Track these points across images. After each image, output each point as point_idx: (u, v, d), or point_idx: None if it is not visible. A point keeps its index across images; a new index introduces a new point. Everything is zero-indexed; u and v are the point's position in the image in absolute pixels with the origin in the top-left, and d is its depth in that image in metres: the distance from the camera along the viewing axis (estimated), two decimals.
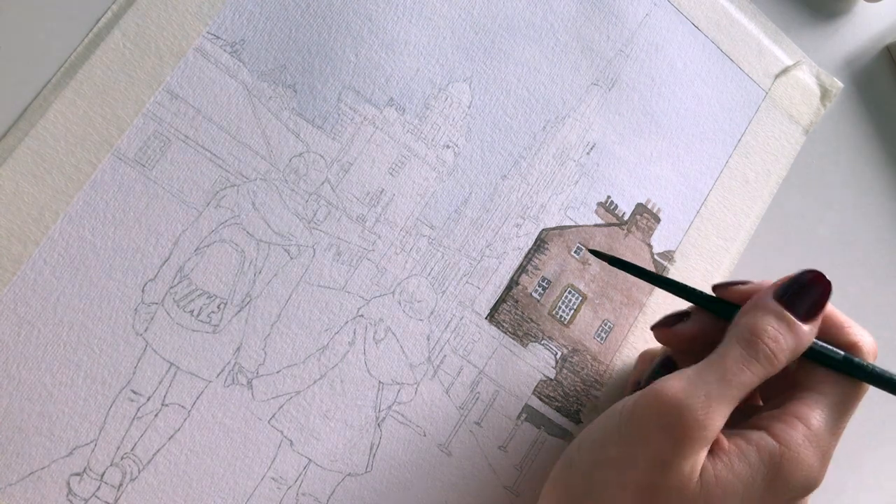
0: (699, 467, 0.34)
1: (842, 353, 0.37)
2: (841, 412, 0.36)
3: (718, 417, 0.34)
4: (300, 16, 0.41)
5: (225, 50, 0.40)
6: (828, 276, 0.37)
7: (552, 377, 0.45)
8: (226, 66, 0.40)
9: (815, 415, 0.36)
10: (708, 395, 0.34)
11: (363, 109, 0.42)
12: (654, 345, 0.46)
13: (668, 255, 0.47)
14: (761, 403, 0.41)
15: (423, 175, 0.43)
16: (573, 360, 0.45)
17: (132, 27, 0.39)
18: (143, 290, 0.38)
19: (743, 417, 0.37)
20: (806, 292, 0.37)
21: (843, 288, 0.52)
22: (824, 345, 0.37)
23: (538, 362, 0.45)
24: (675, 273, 0.47)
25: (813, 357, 0.37)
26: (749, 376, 0.35)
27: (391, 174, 0.43)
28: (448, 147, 0.44)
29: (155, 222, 0.39)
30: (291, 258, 0.41)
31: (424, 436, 0.42)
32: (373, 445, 0.41)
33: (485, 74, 0.44)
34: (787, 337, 0.35)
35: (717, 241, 0.48)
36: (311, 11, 0.42)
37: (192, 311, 0.39)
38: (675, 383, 0.35)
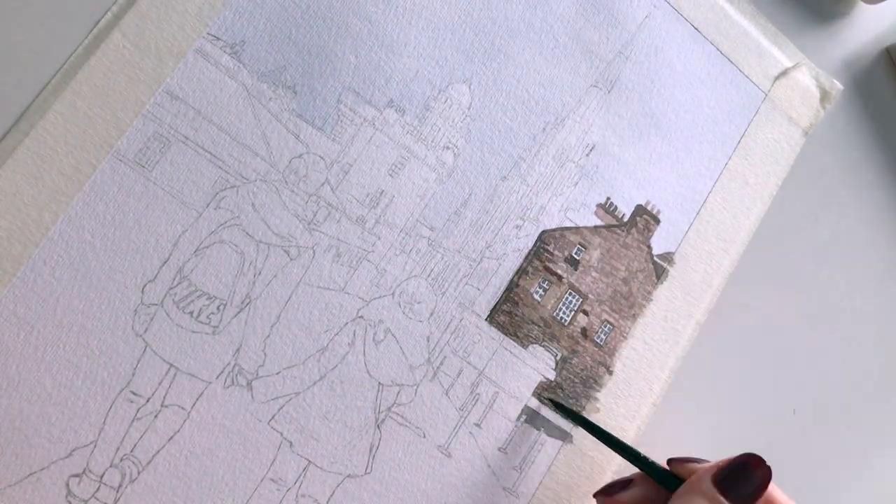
0: None
1: None
2: None
3: None
4: (300, 17, 0.41)
5: (225, 51, 0.40)
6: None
7: (552, 378, 0.45)
8: (226, 68, 0.40)
9: None
10: None
11: (363, 111, 0.42)
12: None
13: (667, 257, 0.47)
14: None
15: (423, 176, 0.43)
16: (573, 362, 0.45)
17: (132, 28, 0.39)
18: (142, 291, 0.38)
19: None
20: (745, 477, 0.36)
21: (843, 289, 0.52)
22: None
23: (538, 364, 0.45)
24: (674, 274, 0.47)
25: None
26: None
27: (391, 175, 0.43)
28: (448, 148, 0.44)
29: (154, 223, 0.39)
30: (291, 259, 0.41)
31: (424, 437, 0.42)
32: (372, 447, 0.41)
33: (484, 76, 0.44)
34: None
35: (717, 242, 0.48)
36: (311, 13, 0.42)
37: (191, 313, 0.39)
38: None
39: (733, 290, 0.49)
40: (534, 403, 0.44)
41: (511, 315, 0.44)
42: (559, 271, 0.45)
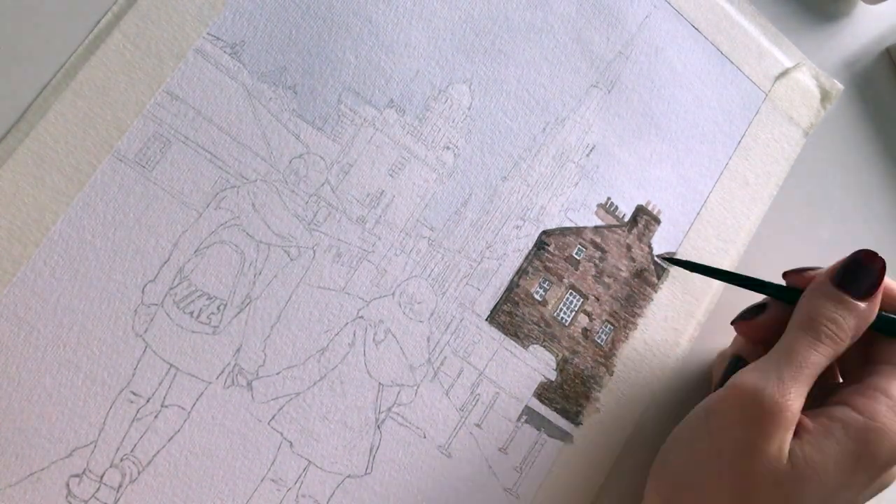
0: (786, 449, 0.35)
1: None
2: None
3: (794, 398, 0.35)
4: (300, 17, 0.41)
5: (225, 51, 0.40)
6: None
7: (553, 379, 0.45)
8: (226, 68, 0.40)
9: (895, 385, 0.37)
10: (780, 378, 0.36)
11: (363, 111, 0.42)
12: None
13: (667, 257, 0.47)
14: (840, 381, 0.42)
15: (423, 176, 0.43)
16: (574, 362, 0.45)
17: (132, 28, 0.39)
18: (142, 292, 0.38)
19: (825, 396, 0.38)
20: (860, 271, 0.38)
21: None
22: (891, 316, 0.38)
23: (539, 364, 0.45)
24: (675, 274, 0.47)
25: (882, 329, 0.38)
26: (816, 357, 0.36)
27: (391, 176, 0.43)
28: (448, 148, 0.44)
29: (155, 223, 0.39)
30: (291, 259, 0.41)
31: (424, 437, 0.42)
32: (372, 447, 0.41)
33: (485, 76, 0.44)
34: (846, 317, 0.37)
35: (718, 242, 0.48)
36: (312, 13, 0.42)
37: (191, 313, 0.39)
38: (748, 374, 0.37)
39: (734, 290, 0.49)
40: (535, 404, 0.44)
41: (511, 315, 0.44)
42: (560, 271, 0.45)
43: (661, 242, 0.47)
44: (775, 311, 0.41)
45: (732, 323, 0.43)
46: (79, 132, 0.38)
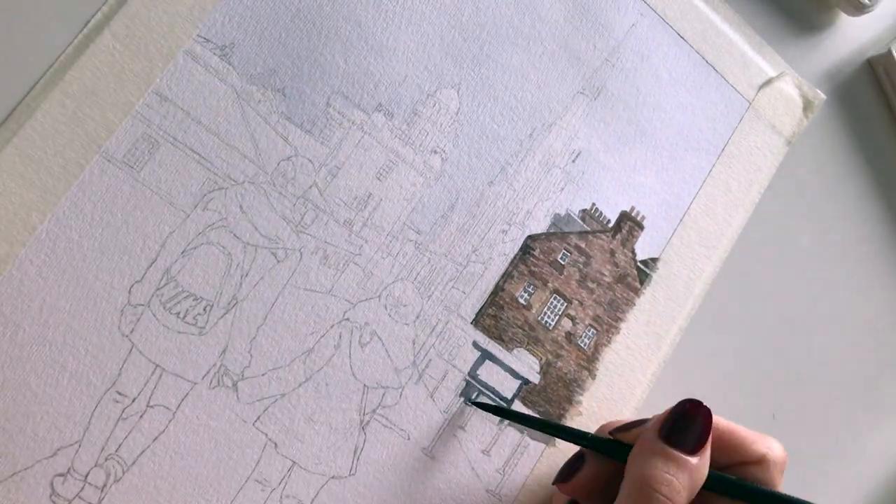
0: None
1: (740, 481, 0.36)
2: None
3: None
4: (290, 20, 0.42)
5: (215, 53, 0.40)
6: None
7: (536, 382, 0.45)
8: (215, 70, 0.40)
9: None
10: None
11: (352, 114, 0.42)
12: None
13: (651, 263, 0.48)
14: None
15: (411, 180, 0.44)
16: (557, 365, 0.46)
17: (122, 29, 0.39)
18: (129, 292, 0.38)
19: None
20: (688, 423, 0.36)
21: (823, 297, 0.53)
22: (723, 475, 0.36)
23: (523, 367, 0.45)
24: (658, 279, 0.47)
25: (714, 489, 0.36)
26: None
27: (379, 179, 0.43)
28: (435, 153, 0.44)
29: (142, 224, 0.39)
30: (278, 261, 0.41)
31: (408, 439, 0.42)
32: (357, 449, 0.41)
33: (473, 81, 0.45)
34: (680, 477, 0.35)
35: (700, 248, 0.49)
36: (301, 16, 0.42)
37: (178, 313, 0.39)
38: None
39: (715, 295, 0.49)
40: (518, 407, 0.45)
41: (496, 319, 0.45)
42: (544, 276, 0.46)
43: (645, 248, 0.48)
44: (593, 465, 0.39)
45: (554, 483, 0.40)
46: (67, 132, 0.38)
